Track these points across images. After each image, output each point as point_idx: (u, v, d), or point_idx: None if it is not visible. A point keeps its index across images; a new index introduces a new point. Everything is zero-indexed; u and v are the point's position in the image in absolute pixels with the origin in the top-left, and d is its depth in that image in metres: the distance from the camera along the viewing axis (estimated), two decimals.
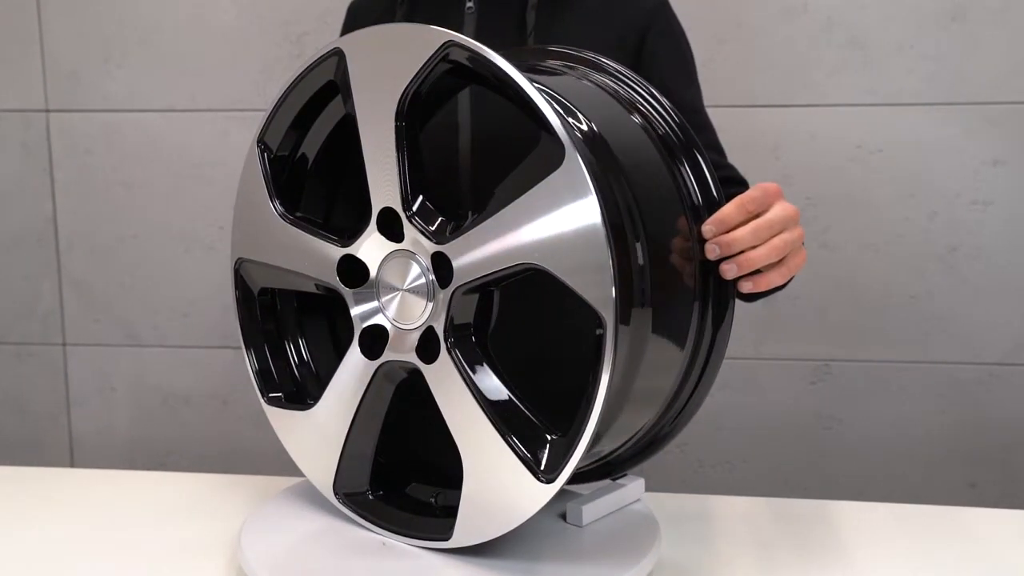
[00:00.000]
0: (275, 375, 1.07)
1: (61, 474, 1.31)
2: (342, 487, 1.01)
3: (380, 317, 0.94)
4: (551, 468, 0.83)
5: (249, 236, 1.03)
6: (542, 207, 0.80)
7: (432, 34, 0.85)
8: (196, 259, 2.00)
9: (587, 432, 0.81)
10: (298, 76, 0.98)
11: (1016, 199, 1.80)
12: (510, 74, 0.81)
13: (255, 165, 1.01)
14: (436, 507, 0.99)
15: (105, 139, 1.98)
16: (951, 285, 1.84)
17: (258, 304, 1.07)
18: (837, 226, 1.84)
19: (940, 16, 1.77)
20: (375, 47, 0.89)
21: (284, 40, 1.92)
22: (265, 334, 1.08)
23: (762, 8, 1.80)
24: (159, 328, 2.03)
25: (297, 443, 1.03)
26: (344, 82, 0.92)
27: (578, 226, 0.78)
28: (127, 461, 2.07)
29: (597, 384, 0.79)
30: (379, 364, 0.94)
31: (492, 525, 0.88)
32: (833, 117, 1.82)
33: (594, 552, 0.95)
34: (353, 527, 1.00)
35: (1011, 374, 1.85)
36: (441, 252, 0.88)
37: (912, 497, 1.87)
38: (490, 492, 0.88)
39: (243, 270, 1.05)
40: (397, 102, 0.87)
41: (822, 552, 1.04)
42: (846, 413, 1.90)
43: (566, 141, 0.79)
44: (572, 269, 0.79)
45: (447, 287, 0.88)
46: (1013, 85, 1.77)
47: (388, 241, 0.91)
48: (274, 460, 1.97)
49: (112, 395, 2.07)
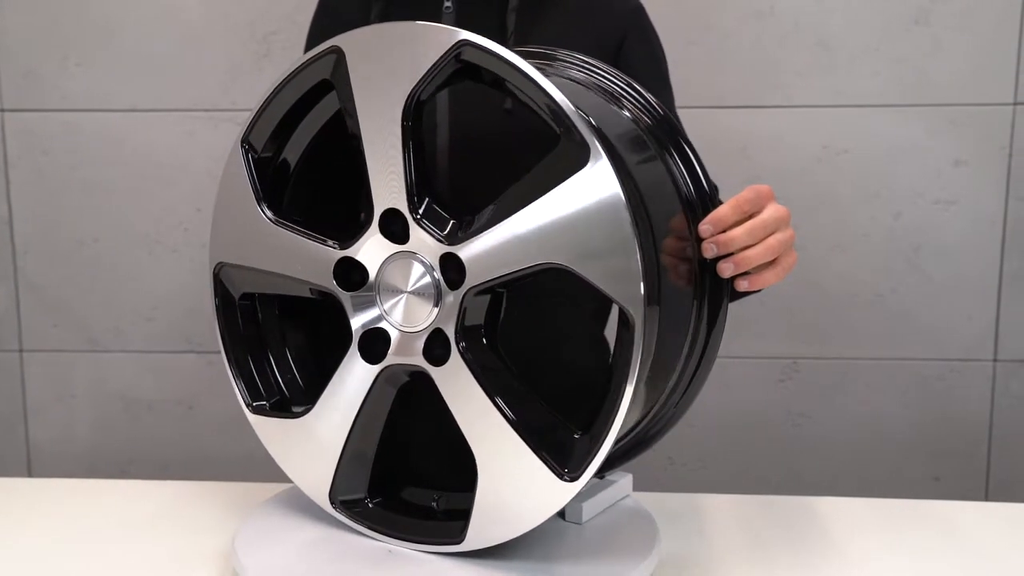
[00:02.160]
0: (259, 383, 1.05)
1: (20, 484, 1.27)
2: (339, 495, 0.99)
3: (381, 320, 0.92)
4: (575, 466, 0.84)
5: (232, 240, 1.00)
6: (566, 207, 0.80)
7: (445, 33, 0.84)
8: (160, 262, 1.96)
9: (614, 429, 0.81)
10: (290, 74, 0.95)
11: (977, 198, 1.85)
12: (532, 76, 0.82)
13: (239, 166, 0.99)
14: (438, 511, 0.98)
15: (64, 139, 1.93)
16: (915, 283, 1.88)
17: (239, 310, 1.05)
18: (804, 226, 1.86)
19: (903, 19, 1.81)
20: (379, 45, 0.88)
21: (250, 39, 1.89)
22: (247, 341, 1.05)
23: (730, 10, 1.82)
24: (121, 333, 1.99)
25: (287, 452, 1.01)
26: (342, 81, 0.90)
27: (605, 226, 0.79)
28: (87, 470, 2.02)
29: (625, 381, 0.80)
30: (381, 368, 0.93)
31: (509, 526, 0.88)
32: (800, 118, 1.85)
33: (600, 549, 0.95)
34: (350, 535, 0.98)
35: (973, 369, 1.89)
36: (451, 253, 0.87)
37: (879, 491, 1.90)
38: (507, 492, 0.87)
39: (223, 275, 1.02)
40: (404, 102, 0.85)
41: (810, 545, 1.06)
42: (814, 410, 1.93)
43: (592, 142, 0.80)
44: (598, 267, 0.80)
45: (458, 288, 0.87)
46: (974, 87, 1.81)
47: (390, 243, 0.90)
48: (241, 466, 1.94)
49: (71, 402, 2.02)
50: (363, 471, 0.99)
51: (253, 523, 1.03)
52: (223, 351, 1.04)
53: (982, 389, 1.90)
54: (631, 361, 0.80)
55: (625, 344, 0.81)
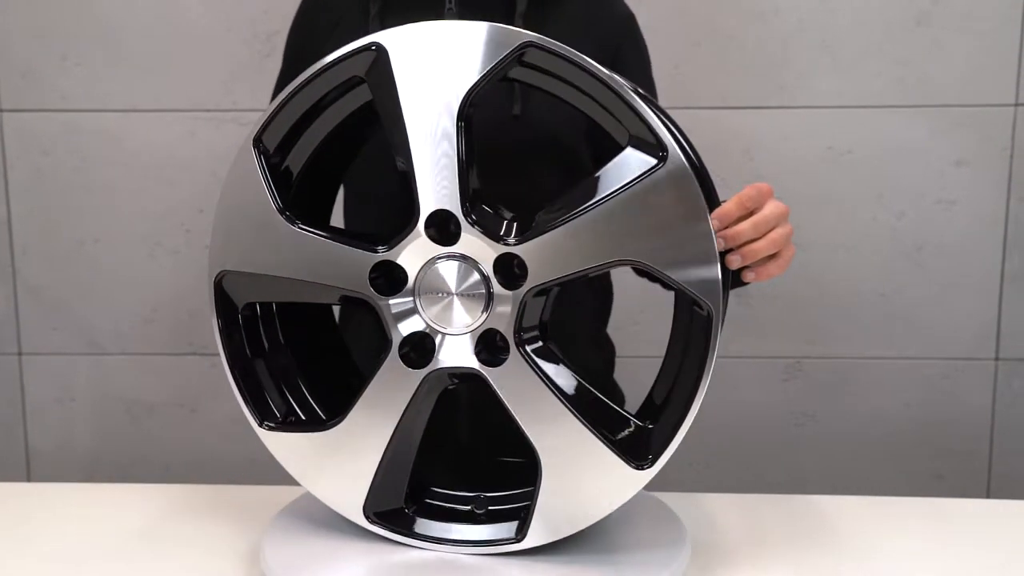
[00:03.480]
0: (269, 398, 1.00)
1: (19, 489, 1.25)
2: (375, 507, 0.96)
3: (422, 324, 0.91)
4: (644, 454, 0.87)
5: (240, 246, 0.94)
6: (644, 204, 0.83)
7: (508, 34, 0.85)
8: (161, 263, 1.94)
9: (690, 417, 0.85)
10: (318, 71, 0.91)
11: (978, 198, 1.86)
12: (604, 78, 0.84)
13: (250, 168, 0.94)
14: (478, 513, 0.97)
15: (63, 140, 1.91)
16: (918, 283, 1.89)
17: (242, 321, 0.99)
18: (808, 226, 1.87)
19: (905, 21, 1.82)
20: (429, 44, 0.86)
21: (253, 39, 1.87)
22: (253, 354, 1.00)
23: (734, 12, 1.83)
24: (122, 335, 1.97)
25: (309, 468, 0.97)
26: (383, 79, 0.88)
27: (683, 222, 0.83)
28: (87, 474, 2.00)
29: (704, 369, 0.84)
30: (427, 373, 0.91)
31: (576, 519, 0.89)
32: (804, 119, 1.85)
33: (632, 543, 0.96)
34: (384, 545, 0.95)
35: (974, 368, 1.91)
36: (510, 253, 0.87)
37: (882, 489, 1.92)
38: (573, 486, 0.88)
39: (226, 284, 0.97)
40: (460, 102, 0.84)
41: (813, 544, 1.07)
42: (817, 409, 1.94)
43: (669, 142, 0.83)
44: (674, 262, 0.84)
45: (518, 288, 0.87)
46: (976, 88, 1.83)
47: (436, 245, 0.89)
48: (245, 469, 1.93)
49: (71, 406, 2.00)
50: (400, 481, 0.96)
51: (277, 534, 0.99)
52: (227, 366, 0.98)
53: (984, 387, 1.91)
54: (708, 351, 0.85)
55: (697, 335, 0.86)
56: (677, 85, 1.82)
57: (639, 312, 1.82)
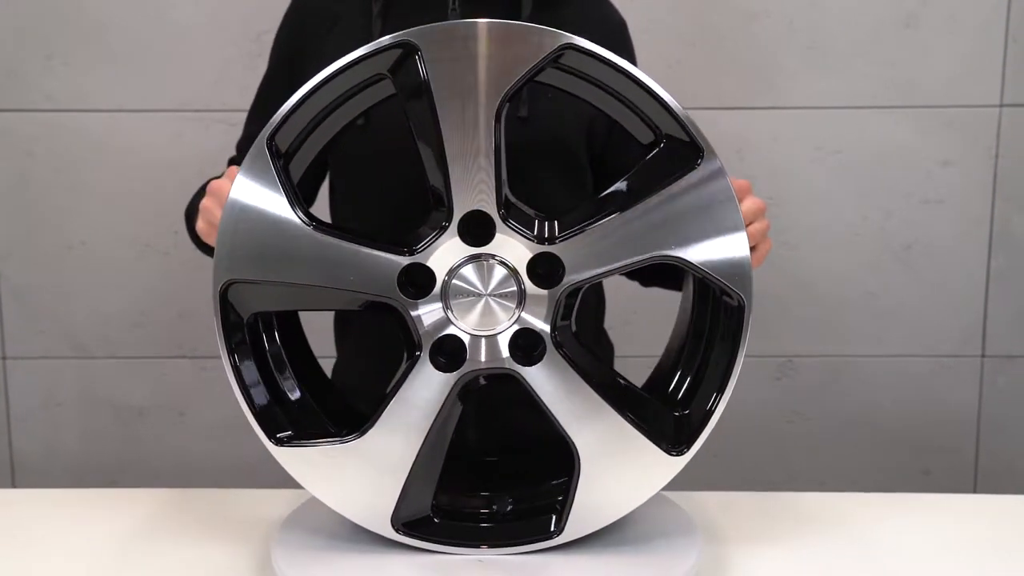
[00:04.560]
0: (278, 412, 0.96)
1: (4, 495, 1.24)
2: (404, 518, 0.94)
3: (450, 327, 0.90)
4: (678, 440, 0.91)
5: (250, 253, 0.89)
6: (681, 201, 0.87)
7: (547, 36, 0.85)
8: (149, 266, 1.92)
9: (723, 402, 0.91)
10: (340, 68, 0.89)
11: (965, 198, 1.89)
12: (643, 81, 0.87)
13: (263, 170, 0.89)
14: (498, 513, 0.97)
15: (48, 140, 1.88)
16: (906, 281, 1.91)
17: (247, 332, 0.95)
18: (798, 225, 1.89)
19: (893, 23, 1.84)
20: (465, 43, 0.86)
21: (242, 38, 1.85)
22: (260, 366, 0.96)
23: (726, 13, 1.84)
24: (109, 338, 1.94)
25: (328, 481, 0.94)
26: (413, 78, 0.87)
27: (718, 218, 0.89)
28: (75, 480, 1.97)
29: (736, 356, 0.91)
30: (459, 376, 0.90)
31: (611, 510, 0.92)
32: (794, 119, 1.87)
33: (649, 537, 0.98)
34: (408, 553, 0.93)
35: (960, 365, 1.94)
36: (546, 252, 0.88)
37: (872, 485, 1.94)
38: (609, 477, 0.91)
39: (232, 294, 0.91)
40: (498, 102, 0.84)
41: (805, 540, 1.09)
42: (808, 407, 1.96)
43: (705, 142, 0.88)
44: (706, 255, 0.88)
45: (555, 287, 0.88)
46: (962, 90, 1.86)
47: (467, 246, 0.88)
48: (236, 474, 1.91)
49: (57, 411, 1.96)
50: (428, 488, 0.95)
51: (289, 542, 0.96)
52: (234, 381, 0.94)
53: (970, 384, 1.94)
54: (741, 339, 0.91)
55: (727, 324, 0.91)
56: (670, 85, 1.81)
57: (631, 312, 1.83)
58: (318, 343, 1.08)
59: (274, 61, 1.31)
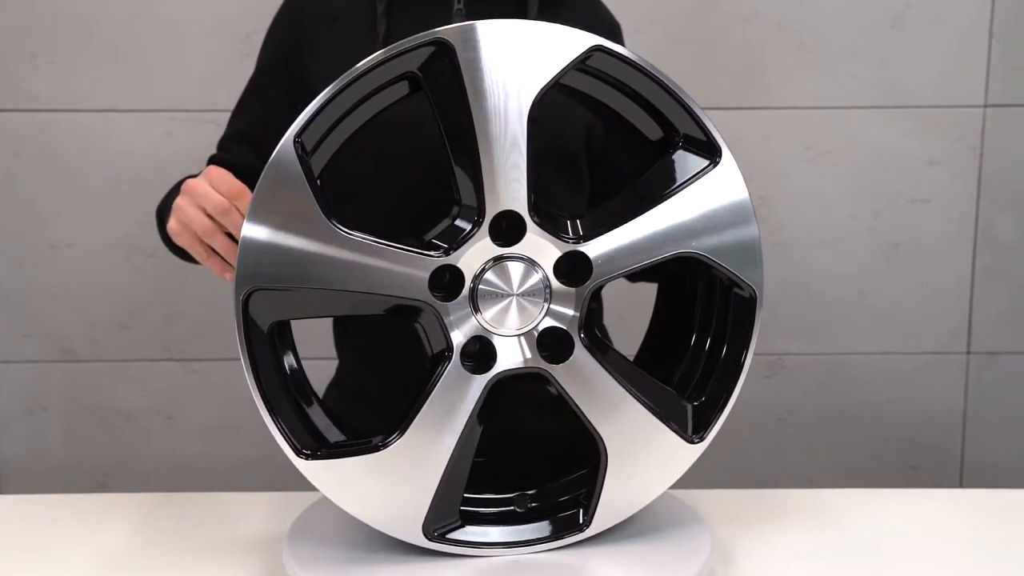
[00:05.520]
0: (300, 424, 0.92)
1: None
2: (435, 525, 0.93)
3: (481, 328, 0.89)
4: (697, 428, 0.95)
5: (276, 259, 0.85)
6: (701, 200, 0.91)
7: (578, 37, 0.86)
8: (137, 268, 1.89)
9: (738, 388, 0.97)
10: (373, 65, 0.86)
11: (951, 197, 1.92)
12: (666, 83, 0.90)
13: (289, 171, 0.85)
14: (521, 513, 0.97)
15: (35, 141, 1.85)
16: (893, 280, 1.94)
17: (268, 344, 0.89)
18: (789, 225, 1.91)
19: (881, 24, 1.86)
20: (499, 42, 0.85)
21: (233, 38, 1.84)
22: (281, 378, 0.91)
23: (717, 13, 1.85)
24: (96, 342, 1.91)
25: (358, 493, 0.91)
26: (446, 77, 0.86)
27: (734, 215, 0.93)
28: (62, 486, 1.93)
29: (747, 347, 0.96)
30: (491, 377, 0.90)
31: (635, 500, 0.95)
32: (785, 119, 1.89)
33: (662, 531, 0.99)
34: (440, 560, 0.92)
35: (947, 362, 1.97)
36: (574, 251, 0.89)
37: (862, 481, 1.96)
38: (633, 468, 0.93)
39: (254, 302, 0.87)
40: (531, 102, 0.85)
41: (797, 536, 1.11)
42: (798, 405, 1.98)
43: (722, 144, 0.91)
44: (725, 252, 0.93)
45: (582, 285, 0.89)
46: (947, 90, 1.88)
47: (497, 246, 0.88)
48: (227, 476, 1.89)
49: (43, 415, 1.93)
50: (457, 493, 0.94)
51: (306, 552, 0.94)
52: (259, 396, 0.88)
53: (956, 380, 1.97)
54: (752, 332, 0.95)
55: (741, 318, 0.96)
56: None
57: (624, 308, 1.83)
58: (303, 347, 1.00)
59: (265, 59, 1.29)
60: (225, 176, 0.98)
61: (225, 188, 0.97)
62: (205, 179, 0.99)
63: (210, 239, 0.98)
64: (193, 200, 0.98)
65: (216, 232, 0.97)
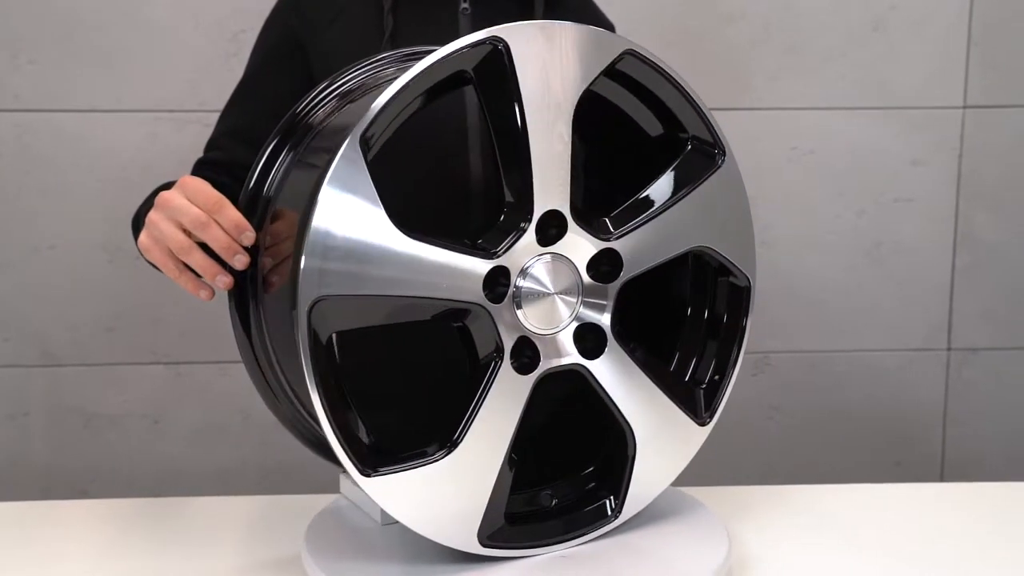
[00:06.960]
0: (360, 438, 0.86)
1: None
2: (488, 530, 0.91)
3: (525, 327, 0.89)
4: (705, 410, 1.01)
5: (342, 266, 0.81)
6: (711, 197, 0.97)
7: (612, 40, 0.88)
8: (121, 270, 1.86)
9: (735, 373, 1.02)
10: (437, 61, 0.83)
11: (932, 197, 1.96)
12: (684, 87, 0.96)
13: (355, 173, 0.80)
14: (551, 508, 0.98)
15: (16, 141, 1.81)
16: (877, 278, 1.97)
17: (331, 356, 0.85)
18: (775, 225, 1.93)
19: (864, 26, 1.89)
20: (549, 42, 0.86)
21: (219, 37, 1.82)
22: (341, 391, 0.86)
23: (704, 15, 1.87)
24: (80, 345, 1.88)
25: (420, 505, 0.87)
26: (500, 77, 0.85)
27: (736, 209, 0.99)
28: (44, 492, 1.90)
29: (741, 330, 1.01)
30: (538, 376, 0.90)
31: (655, 484, 0.99)
32: (770, 120, 1.91)
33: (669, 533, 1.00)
34: (489, 564, 0.91)
35: (928, 359, 2.01)
36: (608, 248, 0.91)
37: (846, 477, 1.99)
38: (654, 455, 0.97)
39: (317, 312, 0.81)
40: (576, 102, 0.86)
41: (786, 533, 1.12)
42: (784, 402, 2.00)
43: (726, 143, 0.98)
44: (730, 246, 0.99)
45: (614, 281, 0.92)
46: (928, 91, 1.92)
47: (539, 245, 0.89)
48: (214, 480, 1.87)
49: (24, 420, 1.90)
50: (505, 496, 0.92)
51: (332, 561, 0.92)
52: (323, 411, 0.82)
53: (937, 377, 2.01)
54: (746, 314, 1.01)
55: (735, 302, 1.01)
56: None
57: None
58: None
59: (263, 53, 1.27)
60: (202, 187, 0.92)
61: (203, 200, 0.90)
62: (180, 191, 0.92)
63: (185, 256, 0.92)
64: (168, 215, 0.92)
65: (192, 248, 0.91)
